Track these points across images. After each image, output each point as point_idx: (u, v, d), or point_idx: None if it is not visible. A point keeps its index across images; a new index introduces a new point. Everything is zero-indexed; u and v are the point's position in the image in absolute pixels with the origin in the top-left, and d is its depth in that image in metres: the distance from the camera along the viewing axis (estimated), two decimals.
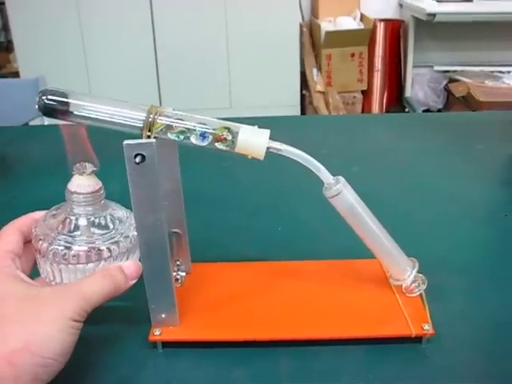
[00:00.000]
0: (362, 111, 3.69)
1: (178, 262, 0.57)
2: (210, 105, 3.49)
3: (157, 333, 0.50)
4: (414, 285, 0.53)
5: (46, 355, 0.41)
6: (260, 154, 0.46)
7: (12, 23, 3.30)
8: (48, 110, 0.44)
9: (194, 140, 0.46)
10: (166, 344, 0.50)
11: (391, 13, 3.74)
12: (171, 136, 0.45)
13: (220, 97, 3.54)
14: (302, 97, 3.63)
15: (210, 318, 0.52)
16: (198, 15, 3.35)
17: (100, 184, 0.49)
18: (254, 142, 0.46)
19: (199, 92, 3.49)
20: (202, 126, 0.45)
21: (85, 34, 3.34)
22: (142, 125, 0.44)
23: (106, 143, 0.49)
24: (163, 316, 0.50)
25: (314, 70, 3.57)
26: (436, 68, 3.75)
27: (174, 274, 0.57)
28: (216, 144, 0.46)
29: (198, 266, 0.59)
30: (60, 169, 0.49)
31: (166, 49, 3.43)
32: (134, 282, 0.49)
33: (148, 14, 3.33)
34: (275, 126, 0.50)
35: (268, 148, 0.46)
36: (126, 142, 0.43)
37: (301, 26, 3.57)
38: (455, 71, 3.67)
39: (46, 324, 0.42)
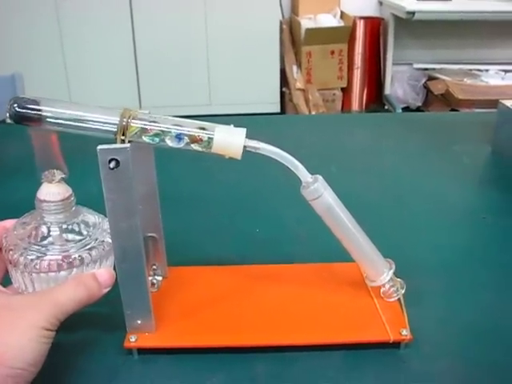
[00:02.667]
0: (342, 108, 3.69)
1: (155, 267, 0.56)
2: (189, 102, 3.47)
3: (132, 339, 0.49)
4: (392, 289, 0.53)
5: (16, 366, 0.40)
6: (237, 153, 0.45)
7: None
8: (20, 119, 0.43)
9: (169, 142, 0.45)
10: (142, 350, 0.50)
11: (371, 10, 3.75)
12: (146, 139, 0.45)
13: (200, 94, 3.52)
14: (282, 94, 3.63)
15: (186, 324, 0.51)
16: (177, 11, 3.33)
17: (70, 191, 0.49)
18: (230, 141, 0.45)
19: (179, 89, 3.48)
20: (177, 127, 0.45)
21: (63, 31, 3.31)
22: (115, 129, 0.43)
23: (79, 144, 0.48)
24: (139, 322, 0.49)
25: (294, 68, 3.57)
26: (415, 66, 3.76)
27: (150, 278, 0.56)
28: (192, 145, 0.45)
29: (175, 269, 0.58)
30: (36, 170, 0.48)
31: (146, 46, 3.40)
32: (107, 289, 0.48)
33: (127, 11, 3.31)
34: (254, 125, 0.49)
35: (245, 147, 0.45)
36: (100, 146, 0.42)
37: (281, 23, 3.56)
38: (434, 69, 3.69)
39: (18, 334, 0.41)
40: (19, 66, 2.27)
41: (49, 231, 0.49)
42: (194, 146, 0.45)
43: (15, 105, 0.43)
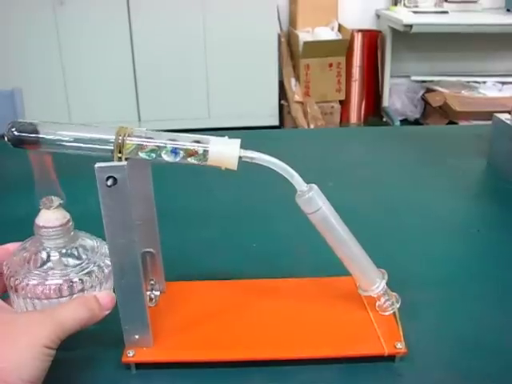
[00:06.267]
0: (340, 121, 3.71)
1: (152, 282, 0.57)
2: (188, 115, 3.49)
3: (130, 354, 0.49)
4: (387, 303, 0.53)
5: (16, 382, 0.40)
6: (233, 164, 0.46)
7: None
8: (18, 142, 0.44)
9: (165, 157, 0.46)
10: (140, 365, 0.50)
11: (368, 23, 3.77)
12: (142, 155, 0.45)
13: (198, 107, 3.53)
14: (281, 107, 3.64)
15: (184, 339, 0.52)
16: (175, 25, 3.35)
17: (68, 216, 0.50)
18: (225, 152, 0.46)
19: (177, 102, 3.49)
20: (173, 142, 0.45)
21: (62, 44, 3.32)
22: (112, 147, 0.44)
23: (78, 161, 0.48)
24: (137, 337, 0.50)
25: (293, 80, 3.59)
26: (413, 78, 3.78)
27: (148, 293, 0.56)
28: (188, 159, 0.46)
29: (173, 284, 0.59)
30: (35, 192, 0.49)
31: (144, 59, 3.42)
32: (108, 312, 0.49)
33: (126, 24, 3.33)
34: (251, 139, 0.50)
35: (240, 157, 0.46)
36: (97, 164, 0.43)
37: (279, 36, 3.58)
38: (432, 81, 3.71)
39: (20, 351, 0.41)
40: (18, 80, 2.28)
41: (48, 256, 0.49)
42: (191, 160, 0.46)
43: (13, 129, 0.44)
